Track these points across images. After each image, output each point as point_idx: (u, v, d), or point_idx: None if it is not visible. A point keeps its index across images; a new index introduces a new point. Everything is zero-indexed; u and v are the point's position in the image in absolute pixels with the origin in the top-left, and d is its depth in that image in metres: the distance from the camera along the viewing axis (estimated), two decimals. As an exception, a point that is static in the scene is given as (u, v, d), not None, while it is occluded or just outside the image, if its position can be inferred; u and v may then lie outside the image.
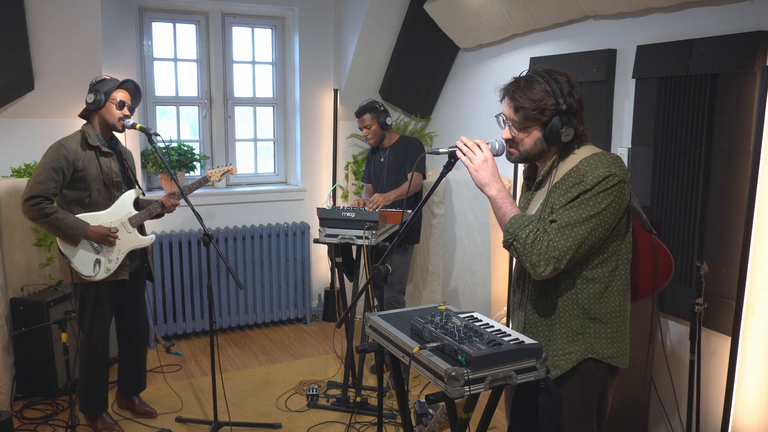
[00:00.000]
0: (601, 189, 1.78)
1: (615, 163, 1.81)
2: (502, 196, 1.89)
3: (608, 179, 1.78)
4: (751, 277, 2.57)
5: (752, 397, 2.64)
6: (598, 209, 1.78)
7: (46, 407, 3.54)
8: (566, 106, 1.82)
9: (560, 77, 1.85)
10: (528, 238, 1.80)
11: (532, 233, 1.81)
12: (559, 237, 1.78)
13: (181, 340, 4.65)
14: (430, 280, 4.85)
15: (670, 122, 2.89)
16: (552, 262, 1.78)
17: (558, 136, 1.84)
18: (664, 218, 2.94)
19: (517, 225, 1.83)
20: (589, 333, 1.89)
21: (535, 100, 1.83)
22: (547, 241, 1.78)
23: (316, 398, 3.66)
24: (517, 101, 1.86)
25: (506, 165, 4.03)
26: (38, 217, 2.96)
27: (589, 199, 1.78)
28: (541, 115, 1.83)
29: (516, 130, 1.90)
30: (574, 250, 1.78)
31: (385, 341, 1.97)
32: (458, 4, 4.06)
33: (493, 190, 1.88)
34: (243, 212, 4.84)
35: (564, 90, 1.83)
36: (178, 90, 4.74)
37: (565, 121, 1.83)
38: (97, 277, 3.10)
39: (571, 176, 1.84)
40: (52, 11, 3.62)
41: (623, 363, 1.93)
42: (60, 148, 3.02)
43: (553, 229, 1.79)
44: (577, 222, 1.78)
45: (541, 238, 1.79)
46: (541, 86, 1.83)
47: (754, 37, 2.52)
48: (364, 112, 4.00)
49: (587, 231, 1.78)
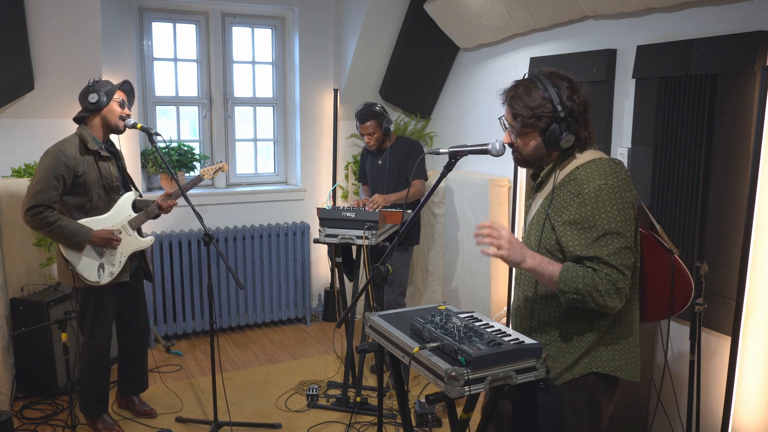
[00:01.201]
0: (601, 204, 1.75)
1: (612, 173, 1.78)
2: (539, 262, 1.80)
3: (602, 188, 1.75)
4: (751, 277, 2.57)
5: (752, 397, 2.64)
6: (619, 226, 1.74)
7: (46, 407, 3.54)
8: (565, 112, 1.79)
9: (561, 81, 1.82)
10: (587, 288, 1.73)
11: (588, 279, 1.73)
12: (614, 271, 1.73)
13: (181, 340, 4.65)
14: (430, 280, 4.85)
15: (670, 122, 2.89)
16: (621, 294, 1.73)
17: (557, 142, 1.82)
18: (664, 218, 2.94)
19: (569, 279, 1.75)
20: (592, 343, 1.86)
21: (532, 107, 1.81)
22: (606, 281, 1.72)
23: (316, 398, 3.66)
24: (514, 108, 1.84)
25: (507, 165, 4.03)
26: (41, 226, 2.93)
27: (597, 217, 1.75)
28: (538, 122, 1.81)
29: (515, 136, 1.89)
30: (630, 272, 1.75)
31: (385, 341, 1.97)
32: (458, 4, 4.06)
33: (529, 263, 1.79)
34: (243, 212, 4.84)
35: (563, 95, 1.80)
36: (178, 90, 4.74)
37: (564, 127, 1.80)
38: (101, 281, 3.09)
39: (570, 184, 1.81)
40: (52, 11, 3.62)
41: (635, 376, 1.89)
42: (59, 154, 2.96)
43: (602, 267, 1.73)
44: (616, 251, 1.73)
45: (601, 281, 1.72)
46: (539, 92, 1.81)
47: (754, 37, 2.52)
48: (369, 118, 3.89)
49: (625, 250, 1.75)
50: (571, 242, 1.78)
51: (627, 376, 1.87)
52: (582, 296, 1.73)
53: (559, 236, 1.81)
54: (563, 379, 1.87)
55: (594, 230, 1.74)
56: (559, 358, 1.88)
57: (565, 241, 1.79)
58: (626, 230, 1.75)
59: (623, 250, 1.74)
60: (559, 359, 1.88)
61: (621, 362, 1.87)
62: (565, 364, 1.87)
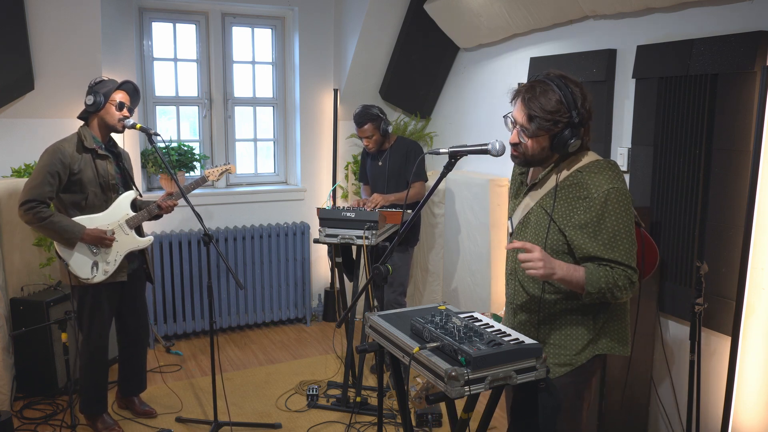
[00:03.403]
0: (611, 207, 1.83)
1: (615, 176, 1.86)
2: (567, 271, 1.84)
3: (611, 192, 1.83)
4: (751, 277, 2.57)
5: (752, 397, 2.64)
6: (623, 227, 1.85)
7: (46, 407, 3.54)
8: (579, 118, 1.83)
9: (575, 87, 1.85)
10: (609, 287, 1.83)
11: (612, 280, 1.83)
12: (627, 268, 1.85)
13: (181, 340, 4.65)
14: (430, 280, 4.85)
15: (670, 122, 2.89)
16: (634, 287, 1.87)
17: (565, 146, 1.85)
18: (664, 218, 2.94)
19: (595, 282, 1.83)
20: (591, 327, 1.96)
21: (550, 111, 1.82)
22: (624, 277, 1.84)
23: (316, 398, 3.66)
24: (532, 110, 1.84)
25: (507, 165, 4.03)
26: (34, 221, 2.96)
27: (607, 219, 1.85)
28: (554, 126, 1.83)
29: (525, 137, 1.89)
30: (635, 265, 1.88)
31: (385, 341, 1.97)
32: (458, 4, 4.06)
33: (559, 274, 1.83)
34: (243, 212, 4.84)
35: (578, 101, 1.83)
36: (178, 90, 4.74)
37: (575, 132, 1.84)
38: (94, 279, 3.09)
39: (574, 189, 1.88)
40: (52, 11, 3.62)
41: (627, 351, 2.01)
42: (56, 151, 3.01)
43: (617, 266, 1.84)
44: (626, 249, 1.86)
45: (619, 279, 1.84)
46: (555, 96, 1.82)
47: (754, 37, 2.52)
48: (366, 122, 3.86)
49: (631, 242, 1.87)
50: (584, 245, 1.87)
51: (621, 352, 2.00)
52: (603, 294, 1.84)
53: (571, 240, 1.88)
54: (573, 365, 1.93)
55: (605, 232, 1.84)
56: (567, 346, 1.94)
57: (578, 244, 1.87)
58: (631, 228, 1.86)
59: (631, 247, 1.86)
60: (566, 347, 1.94)
61: (616, 342, 1.99)
62: (574, 350, 1.94)
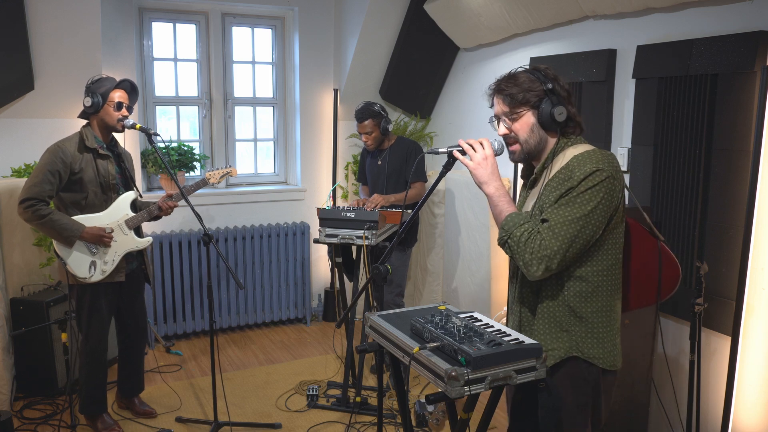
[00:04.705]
0: (588, 185, 1.76)
1: (604, 159, 1.80)
2: (500, 195, 1.89)
3: (595, 174, 1.76)
4: (751, 277, 2.58)
5: (752, 397, 2.64)
6: (587, 209, 1.76)
7: (46, 407, 3.54)
8: (552, 85, 1.86)
9: (542, 67, 1.91)
10: (522, 237, 1.80)
11: (526, 232, 1.81)
12: (550, 236, 1.77)
13: (181, 340, 4.65)
14: (430, 280, 4.85)
15: (670, 122, 2.89)
16: (544, 261, 1.77)
17: (552, 115, 1.85)
18: (664, 218, 2.94)
19: (513, 223, 1.84)
20: (574, 331, 1.86)
21: (520, 84, 1.88)
22: (539, 241, 1.78)
23: (316, 398, 3.66)
24: (503, 90, 1.90)
25: (506, 165, 4.03)
26: (33, 219, 2.97)
27: (577, 196, 1.77)
28: (529, 95, 1.86)
29: (509, 121, 1.91)
30: (564, 249, 1.77)
31: (385, 341, 1.97)
32: (458, 4, 4.06)
33: (491, 188, 1.89)
34: (243, 212, 4.84)
35: (549, 75, 1.89)
36: (178, 90, 4.74)
37: (555, 100, 1.86)
38: (92, 279, 3.09)
39: (561, 173, 1.84)
40: (52, 11, 3.62)
41: (612, 365, 1.89)
42: (57, 150, 3.02)
43: (545, 228, 1.79)
44: (566, 221, 1.77)
45: (534, 237, 1.79)
46: (523, 75, 1.90)
47: (754, 37, 2.52)
48: (366, 117, 3.86)
49: (577, 230, 1.77)
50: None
51: (603, 364, 1.87)
52: (513, 243, 1.82)
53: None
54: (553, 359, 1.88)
55: (567, 207, 1.78)
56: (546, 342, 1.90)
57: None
58: (592, 210, 1.76)
59: (574, 224, 1.76)
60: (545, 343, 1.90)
61: (600, 350, 1.87)
62: (551, 347, 1.89)
